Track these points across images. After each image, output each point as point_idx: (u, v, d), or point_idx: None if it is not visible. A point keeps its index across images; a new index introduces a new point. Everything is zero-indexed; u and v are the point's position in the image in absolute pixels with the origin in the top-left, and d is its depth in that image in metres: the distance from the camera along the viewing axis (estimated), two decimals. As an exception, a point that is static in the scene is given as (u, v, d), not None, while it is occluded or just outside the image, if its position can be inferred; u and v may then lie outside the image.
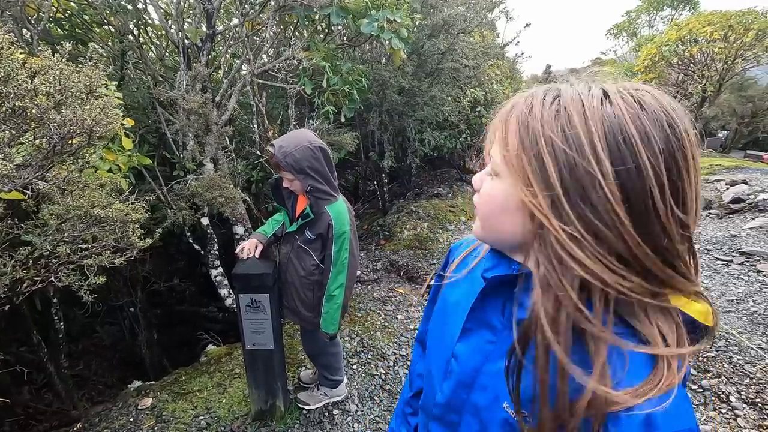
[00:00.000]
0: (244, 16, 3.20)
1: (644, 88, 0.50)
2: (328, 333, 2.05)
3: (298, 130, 2.00)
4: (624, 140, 0.45)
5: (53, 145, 1.27)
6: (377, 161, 5.61)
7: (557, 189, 0.47)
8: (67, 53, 1.39)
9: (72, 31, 3.31)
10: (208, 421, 2.38)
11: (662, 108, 0.47)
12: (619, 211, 0.45)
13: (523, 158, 0.50)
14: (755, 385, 2.35)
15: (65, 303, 3.20)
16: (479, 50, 5.86)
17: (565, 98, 0.49)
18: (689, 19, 11.76)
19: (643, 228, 0.46)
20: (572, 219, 0.47)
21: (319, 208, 1.90)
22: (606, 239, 0.46)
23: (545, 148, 0.48)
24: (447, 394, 0.66)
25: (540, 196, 0.49)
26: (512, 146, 0.52)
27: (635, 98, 0.48)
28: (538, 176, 0.49)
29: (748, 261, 3.83)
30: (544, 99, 0.51)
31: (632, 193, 0.45)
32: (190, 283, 4.74)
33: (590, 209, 0.46)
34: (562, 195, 0.47)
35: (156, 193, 3.17)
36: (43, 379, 3.34)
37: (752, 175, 6.69)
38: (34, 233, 1.67)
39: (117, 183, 2.07)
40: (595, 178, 0.45)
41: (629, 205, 0.45)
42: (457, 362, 0.65)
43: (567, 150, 0.47)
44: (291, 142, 1.83)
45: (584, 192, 0.46)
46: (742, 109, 15.19)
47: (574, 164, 0.46)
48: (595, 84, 0.51)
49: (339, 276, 1.96)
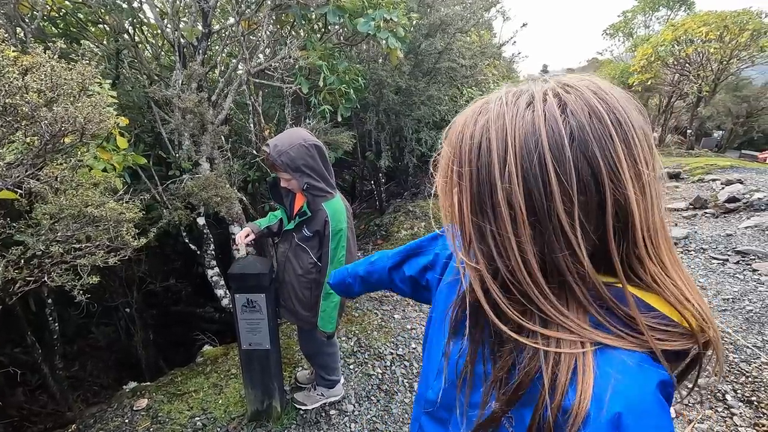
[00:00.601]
0: (240, 15, 3.18)
1: (579, 85, 0.48)
2: (326, 332, 2.04)
3: (293, 128, 2.00)
4: (535, 153, 0.45)
5: (45, 143, 1.25)
6: (374, 161, 5.60)
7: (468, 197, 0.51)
8: (60, 51, 1.38)
9: (66, 29, 3.29)
10: (203, 422, 2.36)
11: (596, 116, 0.46)
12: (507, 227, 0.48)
13: (450, 167, 0.54)
14: (751, 384, 2.36)
15: (60, 303, 3.18)
16: (476, 50, 5.87)
17: (491, 110, 0.50)
18: (685, 20, 11.81)
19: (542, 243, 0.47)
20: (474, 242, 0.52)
21: (316, 206, 1.90)
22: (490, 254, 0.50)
23: (465, 161, 0.51)
24: (437, 391, 0.68)
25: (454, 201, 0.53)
26: (443, 155, 0.55)
27: (562, 100, 0.47)
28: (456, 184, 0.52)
29: (743, 260, 3.84)
30: (476, 111, 0.53)
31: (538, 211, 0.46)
32: (186, 283, 4.72)
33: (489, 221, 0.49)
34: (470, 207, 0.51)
35: (151, 193, 3.15)
36: (38, 380, 3.32)
37: (747, 175, 6.72)
38: (27, 233, 1.65)
39: (111, 182, 2.06)
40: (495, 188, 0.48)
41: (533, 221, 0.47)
42: (447, 361, 0.66)
43: (479, 164, 0.49)
44: (285, 141, 1.83)
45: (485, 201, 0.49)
46: (737, 109, 15.27)
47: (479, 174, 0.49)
48: (537, 86, 0.50)
49: (335, 263, 1.96)
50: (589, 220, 0.45)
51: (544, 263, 0.48)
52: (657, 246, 0.49)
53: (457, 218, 0.53)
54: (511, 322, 0.50)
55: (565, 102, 0.46)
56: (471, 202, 0.50)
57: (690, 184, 6.80)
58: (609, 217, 0.45)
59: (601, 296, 0.48)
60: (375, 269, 1.10)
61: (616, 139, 0.45)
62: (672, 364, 0.49)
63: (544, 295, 0.48)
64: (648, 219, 0.47)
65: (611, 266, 0.48)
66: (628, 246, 0.48)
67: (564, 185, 0.44)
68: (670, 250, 0.51)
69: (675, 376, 0.49)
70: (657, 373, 0.46)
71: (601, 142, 0.45)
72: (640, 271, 0.49)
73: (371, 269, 1.11)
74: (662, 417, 0.44)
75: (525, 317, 0.50)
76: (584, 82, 0.49)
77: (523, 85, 0.51)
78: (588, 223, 0.45)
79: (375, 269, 1.10)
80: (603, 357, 0.47)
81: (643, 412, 0.43)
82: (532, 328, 0.49)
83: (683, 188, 6.52)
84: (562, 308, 0.48)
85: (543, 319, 0.49)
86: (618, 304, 0.48)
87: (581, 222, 0.45)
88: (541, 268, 0.47)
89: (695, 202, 5.53)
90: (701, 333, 0.48)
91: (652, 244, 0.49)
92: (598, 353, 0.47)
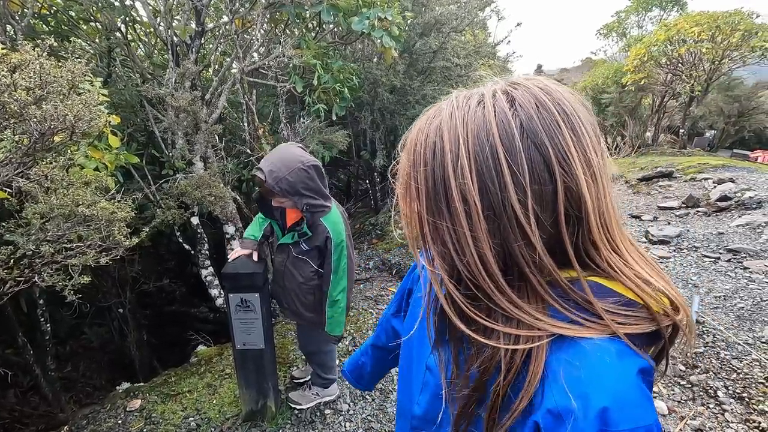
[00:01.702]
0: (234, 13, 3.16)
1: (526, 83, 0.50)
2: (335, 335, 2.05)
3: (284, 147, 1.87)
4: (487, 145, 0.46)
5: (34, 141, 1.24)
6: (369, 160, 5.60)
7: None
8: (51, 49, 1.36)
9: (57, 27, 3.26)
10: (198, 422, 2.35)
11: (543, 106, 0.47)
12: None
13: (407, 171, 0.54)
14: (742, 380, 2.38)
15: (52, 304, 3.15)
16: (470, 49, 5.88)
17: (443, 113, 0.51)
18: (677, 20, 11.88)
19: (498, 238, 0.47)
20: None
21: (315, 221, 1.88)
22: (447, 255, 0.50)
23: (420, 164, 0.51)
24: (423, 406, 0.67)
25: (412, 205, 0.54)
26: (401, 163, 0.56)
27: (510, 95, 0.48)
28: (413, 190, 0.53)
29: (735, 258, 3.88)
30: (430, 115, 0.54)
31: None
32: (180, 283, 4.69)
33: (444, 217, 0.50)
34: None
35: (144, 192, 3.13)
36: (30, 381, 3.28)
37: (739, 174, 6.78)
38: (17, 233, 1.63)
39: (103, 181, 2.03)
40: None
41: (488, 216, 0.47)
42: (431, 375, 0.65)
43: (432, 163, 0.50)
44: (281, 166, 1.72)
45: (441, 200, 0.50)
46: (729, 109, 15.40)
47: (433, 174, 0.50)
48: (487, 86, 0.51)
49: (341, 281, 1.96)
50: (544, 209, 0.46)
51: (503, 257, 0.48)
52: (611, 232, 0.50)
53: (417, 222, 0.54)
54: (475, 323, 0.50)
55: (514, 97, 0.48)
56: (427, 202, 0.51)
57: (683, 183, 6.85)
58: (560, 204, 0.46)
59: (558, 284, 0.49)
60: (380, 329, 1.04)
61: (563, 127, 0.46)
62: (646, 347, 0.49)
63: (501, 289, 0.48)
64: (600, 206, 0.48)
65: (567, 257, 0.48)
66: (583, 233, 0.48)
67: (516, 176, 0.45)
68: (624, 237, 0.52)
69: (653, 360, 0.49)
70: (635, 362, 0.46)
71: (549, 131, 0.46)
72: (597, 259, 0.50)
73: (378, 331, 1.05)
74: (647, 407, 0.44)
75: (490, 318, 0.50)
76: (531, 80, 0.51)
77: (473, 88, 0.53)
78: (542, 212, 0.46)
79: (380, 329, 1.04)
80: (558, 346, 0.47)
81: (627, 404, 0.43)
82: (493, 326, 0.49)
83: (676, 187, 6.57)
84: (519, 302, 0.49)
85: (505, 317, 0.49)
86: (574, 290, 0.49)
87: (535, 211, 0.46)
88: (497, 262, 0.48)
89: (688, 201, 5.57)
90: (664, 315, 0.48)
91: (606, 230, 0.50)
92: (553, 344, 0.48)
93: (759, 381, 2.35)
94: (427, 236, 0.52)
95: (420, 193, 0.51)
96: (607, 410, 0.43)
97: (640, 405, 0.44)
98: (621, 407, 0.43)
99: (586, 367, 0.45)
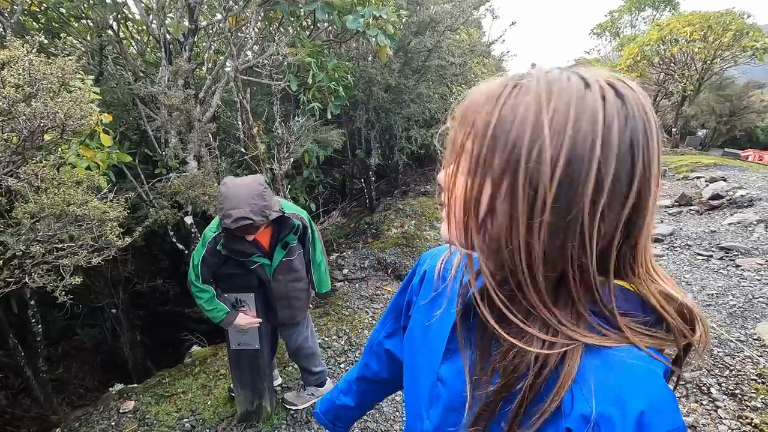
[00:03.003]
0: (228, 11, 3.14)
1: (625, 80, 0.48)
2: (324, 292, 2.24)
3: (231, 183, 1.79)
4: (590, 137, 0.43)
5: (23, 139, 1.21)
6: (364, 159, 5.58)
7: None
8: (41, 46, 1.34)
9: (48, 24, 3.22)
10: (192, 424, 2.33)
11: (642, 108, 0.45)
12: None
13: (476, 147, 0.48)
14: (734, 377, 2.40)
15: (43, 305, 3.11)
16: (465, 48, 5.88)
17: (534, 87, 0.46)
18: (670, 20, 11.98)
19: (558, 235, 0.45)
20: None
21: (283, 218, 1.91)
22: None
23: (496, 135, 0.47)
24: (435, 420, 0.63)
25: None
26: (458, 133, 0.51)
27: (618, 90, 0.46)
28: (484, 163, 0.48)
29: (727, 256, 3.92)
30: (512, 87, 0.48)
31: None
32: (174, 283, 4.65)
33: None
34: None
35: (137, 192, 3.09)
36: (21, 383, 3.24)
37: (730, 172, 6.85)
38: (7, 233, 1.61)
39: (95, 180, 2.01)
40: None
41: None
42: (444, 386, 0.62)
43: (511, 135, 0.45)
44: (250, 197, 1.69)
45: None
46: (720, 108, 15.57)
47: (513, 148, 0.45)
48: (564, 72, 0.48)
49: (317, 245, 2.15)
50: (609, 213, 0.45)
51: (549, 254, 0.47)
52: (647, 247, 0.50)
53: (470, 197, 0.50)
54: (510, 324, 0.49)
55: (622, 92, 0.45)
56: (489, 180, 0.47)
57: (675, 182, 6.92)
58: (626, 211, 0.45)
59: (591, 292, 0.48)
60: (369, 357, 0.94)
61: (655, 137, 0.46)
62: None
63: (536, 286, 0.47)
64: (651, 220, 0.48)
65: (608, 265, 0.48)
66: (629, 243, 0.48)
67: (600, 173, 0.43)
68: (650, 252, 0.52)
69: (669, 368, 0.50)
70: (660, 365, 0.47)
71: (646, 136, 0.45)
72: (630, 270, 0.50)
73: (365, 360, 0.94)
74: (677, 409, 0.46)
75: (528, 320, 0.49)
76: (625, 79, 0.48)
77: (555, 69, 0.49)
78: (607, 216, 0.45)
79: (369, 357, 0.94)
80: (588, 349, 0.47)
81: (662, 407, 0.44)
82: (529, 329, 0.48)
83: (669, 186, 6.63)
84: (554, 308, 0.48)
85: (543, 322, 0.49)
86: (603, 299, 0.48)
87: (602, 214, 0.44)
88: (543, 258, 0.46)
89: (680, 200, 5.62)
90: (682, 337, 0.49)
91: (644, 245, 0.49)
92: (586, 350, 0.47)
93: (751, 377, 2.37)
94: (482, 216, 0.49)
95: (480, 168, 0.48)
96: (644, 414, 0.43)
97: (672, 407, 0.45)
98: (657, 410, 0.44)
99: (618, 372, 0.46)
